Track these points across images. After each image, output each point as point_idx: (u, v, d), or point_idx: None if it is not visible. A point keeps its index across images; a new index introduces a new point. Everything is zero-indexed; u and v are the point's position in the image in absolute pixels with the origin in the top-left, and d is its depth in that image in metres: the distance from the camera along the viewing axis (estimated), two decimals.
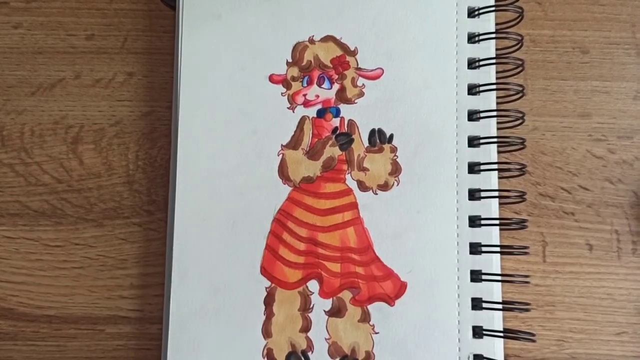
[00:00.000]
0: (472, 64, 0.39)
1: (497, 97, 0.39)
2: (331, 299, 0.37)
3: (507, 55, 0.38)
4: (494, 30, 0.39)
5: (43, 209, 0.41)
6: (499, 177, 0.39)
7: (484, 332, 0.36)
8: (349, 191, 0.38)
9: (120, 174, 0.42)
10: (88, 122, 0.42)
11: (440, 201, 0.38)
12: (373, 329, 0.37)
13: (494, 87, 0.38)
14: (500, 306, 0.36)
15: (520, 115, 0.38)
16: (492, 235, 0.37)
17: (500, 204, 0.38)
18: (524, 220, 0.37)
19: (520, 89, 0.38)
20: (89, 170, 0.41)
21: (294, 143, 0.39)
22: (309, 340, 0.37)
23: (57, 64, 0.42)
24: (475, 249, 0.37)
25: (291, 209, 0.38)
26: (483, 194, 0.38)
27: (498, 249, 0.37)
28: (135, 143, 0.42)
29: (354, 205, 0.38)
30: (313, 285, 0.38)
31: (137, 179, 0.41)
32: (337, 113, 0.39)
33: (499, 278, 0.37)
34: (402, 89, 0.39)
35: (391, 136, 0.38)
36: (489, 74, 0.39)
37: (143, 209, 0.41)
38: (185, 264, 0.38)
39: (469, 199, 0.38)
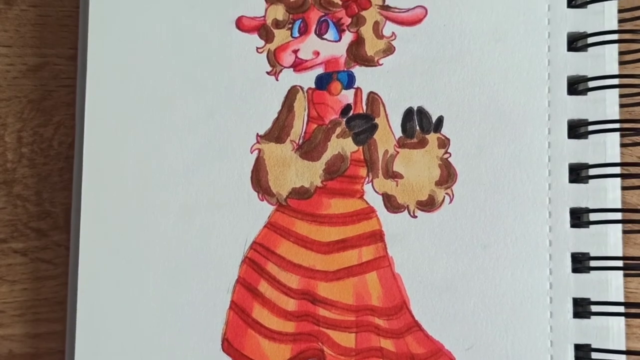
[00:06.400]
0: None
1: (620, 53, 0.35)
2: None
3: None
4: None
5: None
6: (623, 188, 0.34)
7: None
8: (369, 212, 0.35)
9: None
10: None
11: (522, 228, 0.34)
12: None
13: (614, 36, 0.34)
14: None
15: None
16: (610, 285, 0.33)
17: (624, 232, 0.34)
18: None
19: None
20: None
21: (278, 132, 0.35)
22: None
23: None
24: (583, 308, 0.33)
25: (273, 241, 0.35)
26: (594, 217, 0.34)
27: (622, 309, 0.33)
28: (15, 117, 0.39)
29: (377, 236, 0.35)
30: None
31: (20, 177, 0.38)
32: (349, 82, 0.35)
33: (623, 358, 0.33)
34: (458, 41, 0.35)
35: (439, 120, 0.35)
36: (602, 15, 0.35)
37: (29, 226, 0.38)
38: (98, 322, 0.34)
39: (572, 226, 0.34)
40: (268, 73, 0.35)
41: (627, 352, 0.34)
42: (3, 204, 0.38)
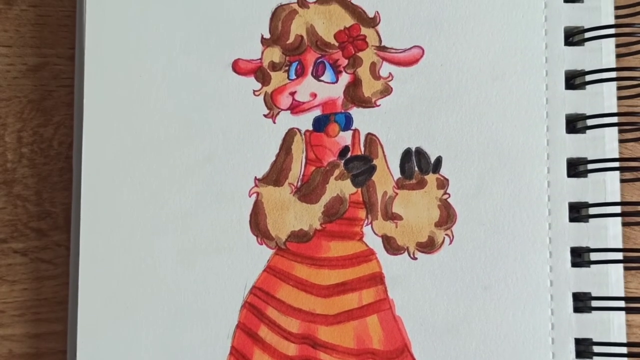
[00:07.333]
0: (573, 35, 0.35)
1: (619, 88, 0.35)
2: None
3: (634, 15, 0.35)
4: None
5: None
6: (624, 224, 0.34)
7: None
8: (369, 254, 0.35)
9: None
10: None
11: (522, 268, 0.34)
12: None
13: (612, 74, 0.34)
14: None
15: None
16: (612, 325, 0.33)
17: (626, 269, 0.34)
18: None
19: None
20: None
21: (276, 175, 0.35)
22: None
23: None
24: (586, 348, 0.33)
25: (273, 286, 0.35)
26: (595, 256, 0.34)
27: (624, 350, 0.33)
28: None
29: (377, 279, 0.35)
30: None
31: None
32: (346, 123, 0.36)
33: None
34: (456, 80, 0.35)
35: (438, 161, 0.35)
36: (600, 52, 0.35)
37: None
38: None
39: (573, 265, 0.34)
40: (265, 116, 0.36)
41: (630, 346, 0.33)
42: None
